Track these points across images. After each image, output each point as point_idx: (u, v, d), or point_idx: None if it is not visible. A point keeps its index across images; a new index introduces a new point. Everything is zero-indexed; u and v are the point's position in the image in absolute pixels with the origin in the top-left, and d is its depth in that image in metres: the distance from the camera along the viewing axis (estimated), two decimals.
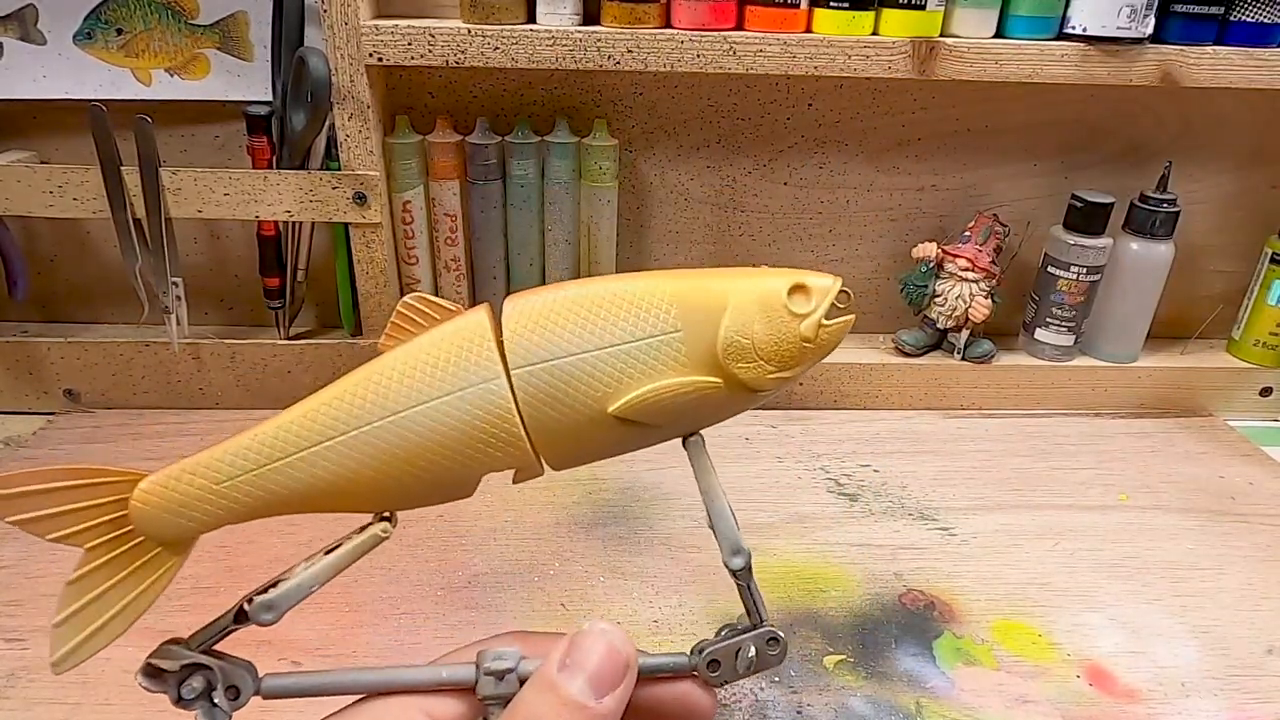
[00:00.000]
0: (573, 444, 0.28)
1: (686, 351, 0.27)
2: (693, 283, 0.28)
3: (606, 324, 0.28)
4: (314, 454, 0.27)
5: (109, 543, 0.27)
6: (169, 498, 0.27)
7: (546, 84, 0.63)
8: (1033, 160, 0.67)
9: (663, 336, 0.27)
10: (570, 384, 0.27)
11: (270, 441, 0.28)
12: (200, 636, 0.27)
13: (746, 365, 0.28)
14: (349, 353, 0.64)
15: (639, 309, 0.28)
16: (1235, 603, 0.49)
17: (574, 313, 0.28)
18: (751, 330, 0.28)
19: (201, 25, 0.58)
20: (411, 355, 0.28)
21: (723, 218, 0.68)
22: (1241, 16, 0.57)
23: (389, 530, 0.28)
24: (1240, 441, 0.67)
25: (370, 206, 0.59)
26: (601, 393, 0.27)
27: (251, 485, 0.27)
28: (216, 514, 0.28)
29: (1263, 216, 0.69)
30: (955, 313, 0.66)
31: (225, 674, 0.27)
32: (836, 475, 0.60)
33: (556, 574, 0.49)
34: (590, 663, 0.25)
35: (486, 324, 0.28)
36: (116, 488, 0.27)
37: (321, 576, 0.27)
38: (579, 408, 0.27)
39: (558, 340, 0.27)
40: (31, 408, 0.64)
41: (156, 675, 0.27)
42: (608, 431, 0.28)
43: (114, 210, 0.57)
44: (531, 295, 0.28)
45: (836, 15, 0.56)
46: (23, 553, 0.49)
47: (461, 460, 0.27)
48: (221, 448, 0.28)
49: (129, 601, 0.27)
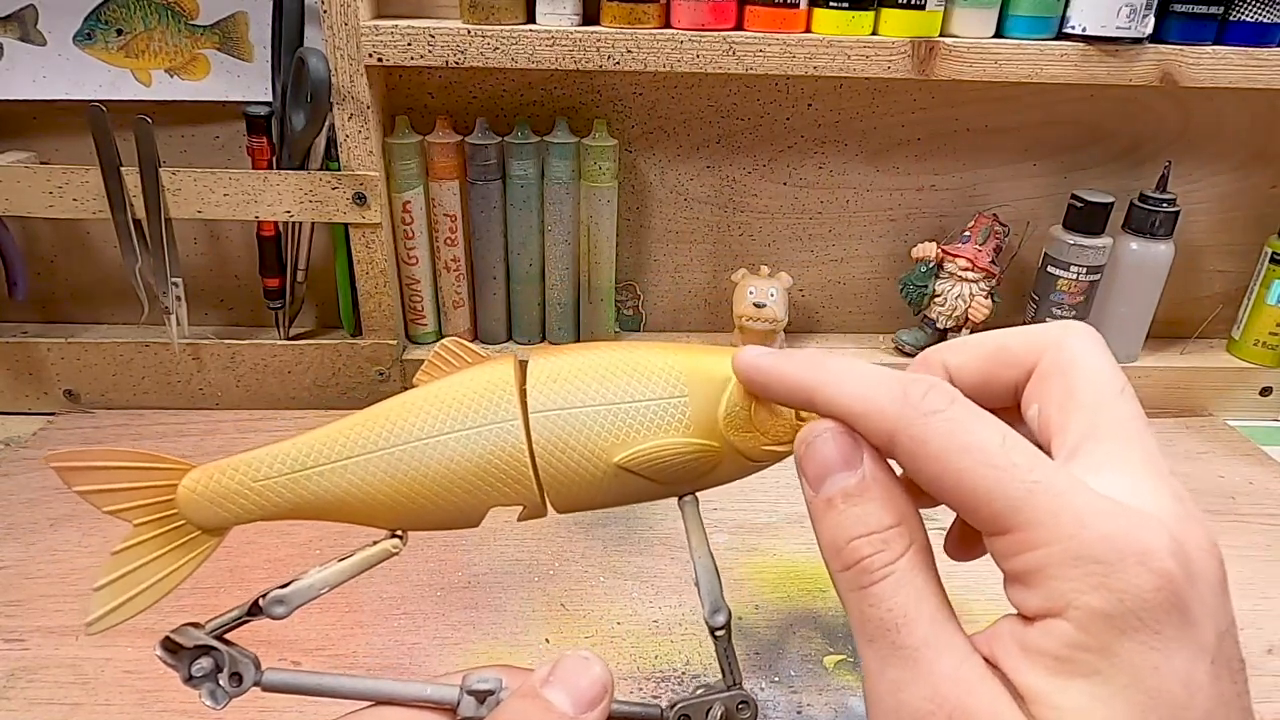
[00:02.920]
0: (576, 488, 0.31)
1: (691, 415, 0.30)
2: (702, 357, 0.31)
3: (621, 384, 0.30)
4: (343, 466, 0.30)
5: (155, 521, 0.30)
6: (212, 487, 0.30)
7: (546, 84, 0.63)
8: (1032, 160, 0.67)
9: (670, 399, 0.30)
10: (581, 432, 0.30)
11: (306, 450, 0.31)
12: (215, 623, 0.30)
13: (744, 435, 0.30)
14: (349, 353, 0.64)
15: (651, 374, 0.31)
16: (1235, 603, 0.48)
17: (592, 371, 0.31)
18: (751, 404, 0.30)
19: (201, 26, 0.58)
20: (441, 390, 0.31)
21: (723, 218, 0.68)
22: (1241, 16, 0.57)
23: (399, 547, 0.31)
24: (1240, 441, 0.66)
25: (370, 207, 0.59)
26: (609, 443, 0.30)
27: (284, 487, 0.30)
28: (250, 508, 0.30)
29: (1263, 216, 0.69)
30: (955, 313, 0.66)
31: (232, 660, 0.29)
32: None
33: (556, 574, 0.49)
34: (572, 681, 0.26)
35: (512, 371, 0.31)
36: (169, 474, 0.30)
37: (332, 580, 0.30)
38: (586, 455, 0.30)
39: (575, 392, 0.30)
40: (31, 408, 0.64)
41: (173, 650, 0.29)
42: (610, 481, 0.30)
43: (114, 211, 0.57)
44: (555, 352, 0.32)
45: (836, 15, 0.56)
46: (23, 553, 0.49)
47: (473, 490, 0.30)
48: (264, 450, 0.31)
49: (164, 576, 0.30)
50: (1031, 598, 0.21)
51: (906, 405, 0.23)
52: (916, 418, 0.23)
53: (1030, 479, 0.21)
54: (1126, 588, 0.20)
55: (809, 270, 0.70)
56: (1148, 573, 0.20)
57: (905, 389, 0.24)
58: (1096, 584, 0.20)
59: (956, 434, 0.22)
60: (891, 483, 0.24)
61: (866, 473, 0.24)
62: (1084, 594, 0.20)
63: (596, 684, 0.27)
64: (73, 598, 0.46)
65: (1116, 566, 0.20)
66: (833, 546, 0.24)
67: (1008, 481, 0.21)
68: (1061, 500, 0.21)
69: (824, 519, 0.25)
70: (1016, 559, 0.21)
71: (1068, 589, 0.20)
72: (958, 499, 0.22)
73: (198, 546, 0.30)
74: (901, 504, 0.24)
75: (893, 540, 0.23)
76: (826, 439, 0.25)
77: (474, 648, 0.44)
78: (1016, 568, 0.22)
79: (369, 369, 0.65)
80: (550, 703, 0.26)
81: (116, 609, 0.29)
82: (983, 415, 0.23)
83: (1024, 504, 0.21)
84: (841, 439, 0.25)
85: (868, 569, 0.23)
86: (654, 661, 0.43)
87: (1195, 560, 0.21)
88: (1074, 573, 0.20)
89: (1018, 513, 0.21)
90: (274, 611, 0.29)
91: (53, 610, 0.45)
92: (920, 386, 0.24)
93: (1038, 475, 0.21)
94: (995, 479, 0.22)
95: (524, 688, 0.27)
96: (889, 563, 0.23)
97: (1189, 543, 0.21)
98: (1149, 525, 0.21)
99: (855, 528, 0.24)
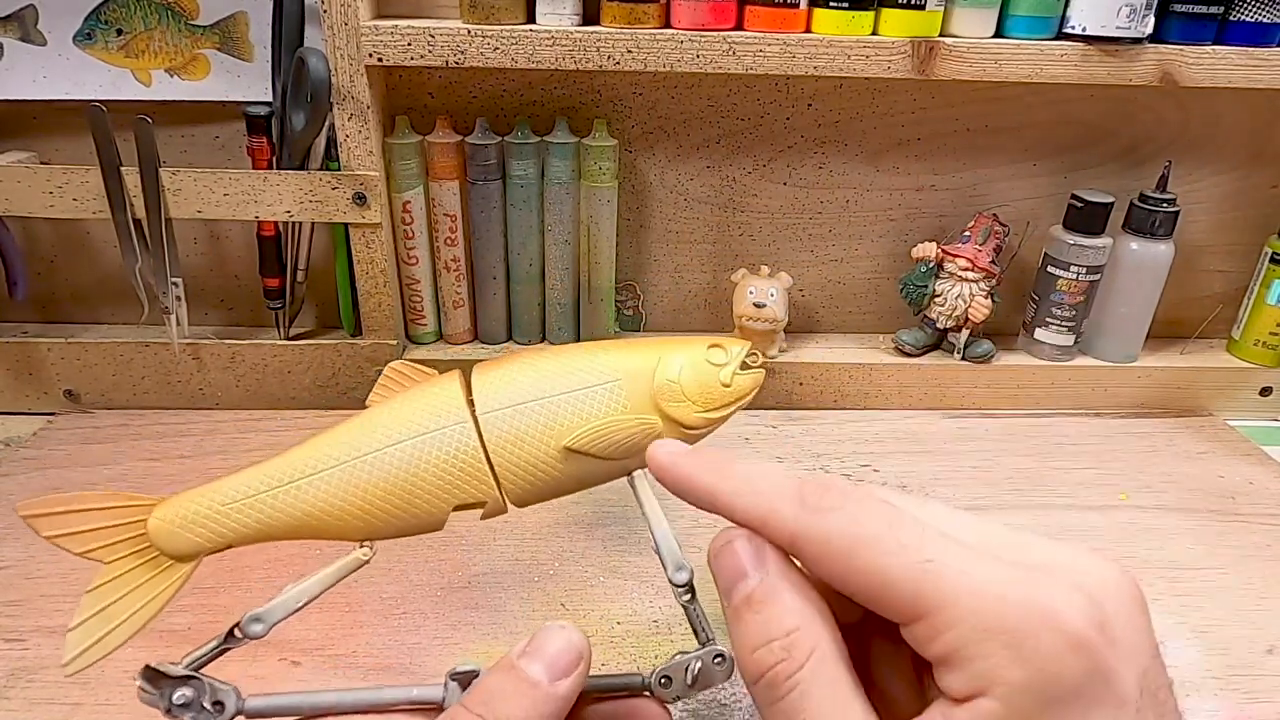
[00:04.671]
0: (531, 477, 0.33)
1: (627, 395, 0.34)
2: (628, 348, 0.36)
3: (559, 379, 0.34)
4: (308, 482, 0.32)
5: (128, 557, 0.31)
6: (183, 515, 0.31)
7: (546, 84, 0.63)
8: (1033, 160, 0.67)
9: (605, 384, 0.34)
10: (528, 424, 0.33)
11: (272, 472, 0.32)
12: (192, 657, 0.30)
13: (677, 404, 0.34)
14: (349, 353, 0.64)
15: (585, 368, 0.34)
16: (1235, 603, 0.49)
17: (531, 374, 0.34)
18: (679, 376, 0.35)
19: (201, 26, 0.58)
20: (395, 406, 0.33)
21: (722, 218, 0.68)
22: (1241, 16, 0.57)
23: (369, 555, 0.32)
24: (1240, 441, 0.66)
25: (370, 207, 0.59)
26: (556, 430, 0.33)
27: (253, 507, 0.32)
28: (223, 532, 0.32)
29: (1263, 216, 0.69)
30: (955, 313, 0.66)
31: (213, 690, 0.29)
32: (836, 475, 0.60)
33: (556, 574, 0.49)
34: (548, 651, 0.27)
35: (458, 382, 0.34)
36: (137, 510, 0.31)
37: (308, 593, 0.31)
38: (536, 443, 0.33)
39: (518, 390, 0.33)
40: (31, 408, 0.64)
41: (153, 680, 0.28)
42: (562, 464, 0.33)
43: (114, 211, 0.57)
44: (495, 362, 0.35)
45: (836, 15, 0.56)
46: (23, 553, 0.49)
47: (434, 493, 0.32)
48: (231, 476, 0.32)
49: (139, 609, 0.30)
50: (955, 680, 0.21)
51: (804, 509, 0.24)
52: (814, 520, 0.23)
53: (923, 559, 0.21)
54: (1044, 658, 0.20)
55: (809, 270, 0.70)
56: (1061, 638, 0.20)
57: (802, 492, 0.24)
58: (1013, 657, 0.20)
59: (849, 529, 0.22)
60: (797, 586, 0.24)
61: (770, 577, 0.24)
62: (1004, 669, 0.20)
63: (570, 651, 0.27)
64: (73, 598, 0.45)
65: (1029, 636, 0.20)
66: (742, 658, 0.24)
67: (903, 566, 0.21)
68: (960, 577, 0.21)
69: (733, 629, 0.25)
70: (932, 644, 0.21)
71: (988, 666, 0.20)
72: (865, 594, 0.22)
73: (171, 576, 0.31)
74: (807, 606, 0.24)
75: (795, 646, 0.23)
76: (733, 548, 0.25)
77: (474, 648, 0.44)
78: (935, 652, 0.21)
79: (369, 369, 0.65)
80: (525, 672, 0.26)
81: (94, 645, 0.29)
82: (874, 505, 0.23)
83: (924, 586, 0.21)
84: (745, 547, 0.25)
85: (775, 681, 0.23)
86: (654, 661, 0.43)
87: (1108, 607, 0.21)
88: (989, 648, 0.20)
89: (921, 596, 0.21)
90: (252, 630, 0.29)
91: (53, 610, 0.45)
92: (815, 487, 0.24)
93: (930, 553, 0.21)
94: (890, 567, 0.22)
95: (501, 661, 0.27)
96: (792, 673, 0.22)
97: (1098, 589, 0.21)
98: (1053, 585, 0.21)
99: (759, 635, 0.23)
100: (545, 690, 0.26)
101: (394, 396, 0.34)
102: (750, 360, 0.37)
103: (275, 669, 0.42)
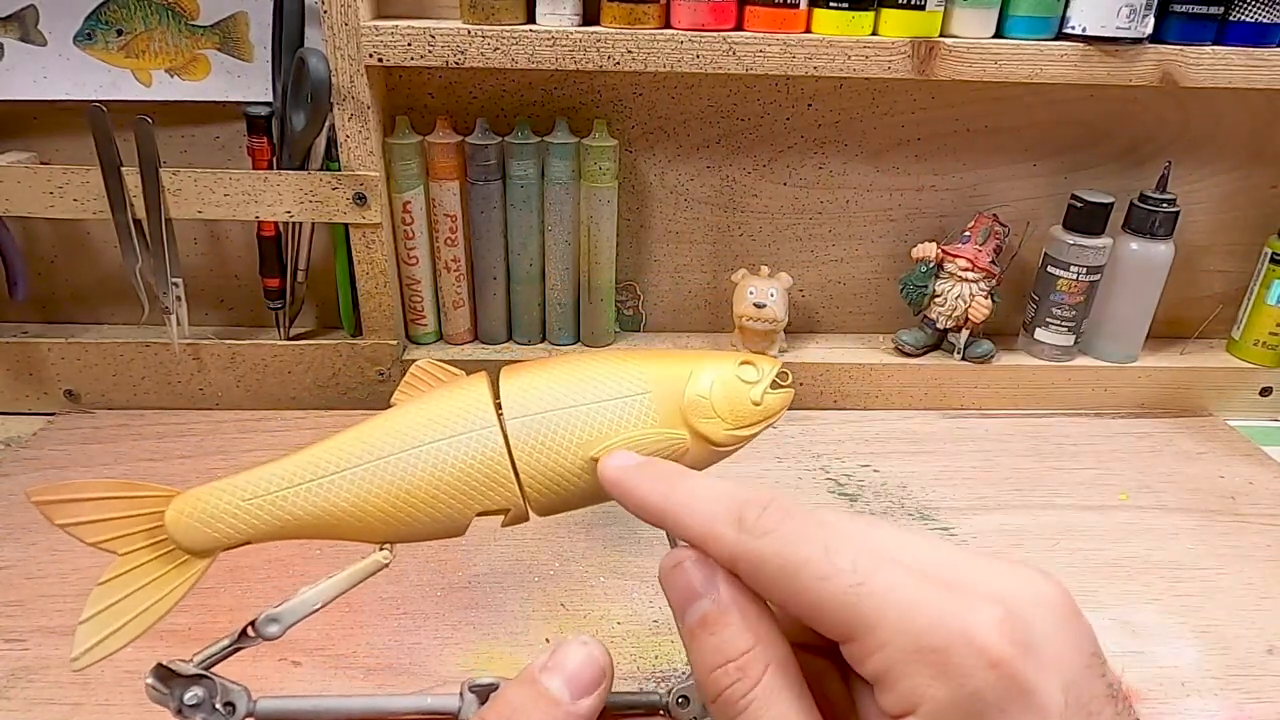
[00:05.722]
0: (555, 487, 0.32)
1: (656, 409, 0.33)
2: (660, 359, 0.35)
3: (588, 388, 0.32)
4: (330, 481, 0.31)
5: (143, 549, 0.30)
6: (201, 509, 0.30)
7: (546, 84, 0.63)
8: (1032, 160, 0.67)
9: (635, 396, 0.33)
10: (556, 433, 0.32)
11: (294, 468, 0.31)
12: (203, 655, 0.29)
13: (706, 420, 0.33)
14: (349, 353, 0.64)
15: (615, 377, 0.33)
16: (1235, 603, 0.49)
17: (560, 380, 0.33)
18: (710, 391, 0.33)
19: (201, 26, 0.58)
20: (421, 406, 0.33)
21: (723, 218, 0.68)
22: (1241, 16, 0.57)
23: (389, 558, 0.32)
24: (1240, 441, 0.67)
25: (370, 207, 0.59)
26: (583, 441, 0.32)
27: (274, 504, 0.31)
28: (241, 528, 0.31)
29: (1263, 216, 0.69)
30: (955, 313, 0.66)
31: (224, 690, 0.29)
32: (836, 475, 0.60)
33: (556, 574, 0.49)
34: (569, 666, 0.26)
35: (486, 384, 0.33)
36: (154, 501, 0.30)
37: (324, 596, 0.30)
38: (563, 453, 0.32)
39: (547, 399, 0.32)
40: (31, 408, 0.64)
41: (164, 678, 0.28)
42: (587, 476, 0.32)
43: (114, 211, 0.57)
44: (524, 368, 0.34)
45: (836, 15, 0.56)
46: (23, 553, 0.49)
47: (458, 496, 0.31)
48: (253, 470, 0.31)
49: (152, 604, 0.30)
50: (887, 699, 0.21)
51: (741, 531, 0.24)
52: (752, 543, 0.23)
53: (855, 582, 0.22)
54: (963, 671, 0.20)
55: (809, 270, 0.70)
56: (977, 652, 0.20)
57: (742, 513, 0.24)
58: (936, 673, 0.20)
59: (784, 552, 0.23)
60: (748, 606, 0.24)
61: (721, 598, 0.24)
62: (928, 688, 0.20)
63: (593, 669, 0.26)
64: (73, 598, 0.46)
65: (948, 651, 0.20)
66: (700, 678, 0.24)
67: (835, 590, 0.22)
68: (888, 597, 0.21)
69: (690, 650, 0.25)
70: (865, 664, 0.22)
71: (916, 685, 0.20)
72: (803, 616, 0.23)
73: (186, 571, 0.30)
74: (760, 625, 0.24)
75: (749, 666, 0.23)
76: (684, 568, 0.25)
77: (474, 648, 0.44)
78: (868, 671, 0.22)
79: (369, 369, 0.65)
80: (546, 688, 0.26)
81: (104, 640, 0.29)
82: (810, 528, 0.23)
83: (856, 608, 0.21)
84: (696, 567, 0.25)
85: (730, 700, 0.23)
86: (654, 661, 0.43)
87: (1032, 621, 0.21)
88: (915, 666, 0.20)
89: (855, 618, 0.21)
90: (268, 631, 0.29)
91: (53, 610, 0.45)
92: (754, 508, 0.24)
93: (861, 576, 0.22)
94: (823, 590, 0.22)
95: (522, 674, 0.27)
96: (746, 692, 0.23)
97: (1022, 603, 0.21)
98: (973, 602, 0.21)
99: (715, 657, 0.24)
100: (566, 709, 0.26)
101: (420, 396, 0.33)
102: (780, 379, 0.36)
103: (275, 669, 0.42)
